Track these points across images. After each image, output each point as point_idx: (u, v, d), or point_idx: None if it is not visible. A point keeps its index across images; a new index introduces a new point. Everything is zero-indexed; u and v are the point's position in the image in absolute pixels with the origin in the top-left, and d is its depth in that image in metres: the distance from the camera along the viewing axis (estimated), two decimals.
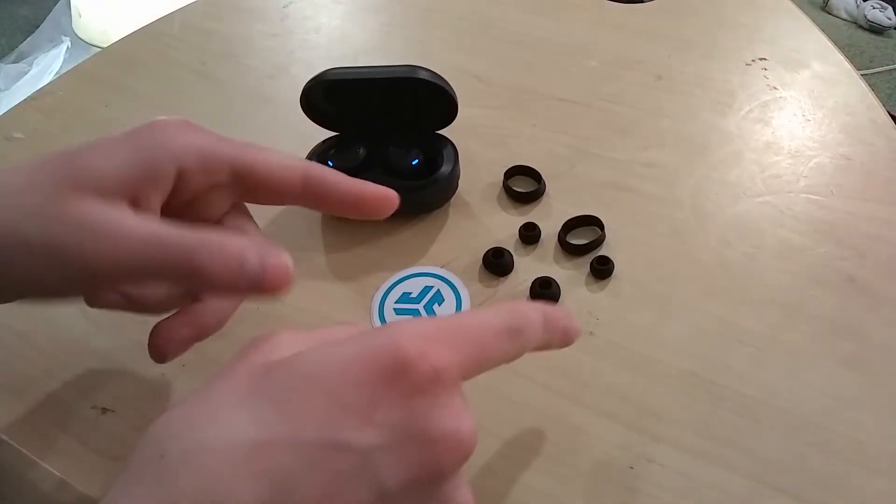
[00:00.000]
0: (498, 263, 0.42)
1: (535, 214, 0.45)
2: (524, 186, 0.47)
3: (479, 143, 0.50)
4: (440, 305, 0.40)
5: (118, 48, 0.63)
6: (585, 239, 0.43)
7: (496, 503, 0.32)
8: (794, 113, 0.53)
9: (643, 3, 0.65)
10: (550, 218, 0.44)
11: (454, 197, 0.46)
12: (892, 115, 0.53)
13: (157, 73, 0.60)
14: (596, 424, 0.35)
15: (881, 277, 0.41)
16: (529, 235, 0.43)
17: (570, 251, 0.43)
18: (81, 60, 0.62)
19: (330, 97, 0.44)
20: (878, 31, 2.03)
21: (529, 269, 0.42)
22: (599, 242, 0.43)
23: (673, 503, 0.32)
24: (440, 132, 0.46)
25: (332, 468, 0.21)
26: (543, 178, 0.47)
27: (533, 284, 0.40)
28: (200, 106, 0.56)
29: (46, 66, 1.79)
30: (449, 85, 0.43)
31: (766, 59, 0.58)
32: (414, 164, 0.43)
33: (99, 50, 0.73)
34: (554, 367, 0.37)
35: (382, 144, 0.44)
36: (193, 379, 0.37)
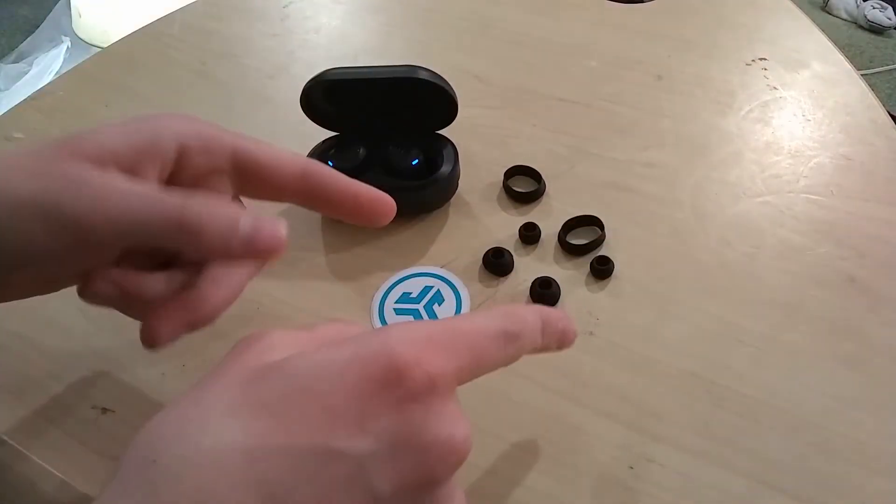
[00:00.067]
0: (498, 263, 0.42)
1: (535, 214, 0.45)
2: (524, 186, 0.47)
3: (479, 143, 0.50)
4: (440, 305, 0.40)
5: (118, 48, 0.63)
6: (585, 239, 0.43)
7: (496, 503, 0.32)
8: (794, 113, 0.53)
9: (643, 3, 0.65)
10: (550, 218, 0.44)
11: (454, 197, 0.46)
12: (892, 115, 0.53)
13: (157, 73, 0.60)
14: (596, 424, 0.35)
15: (881, 277, 0.41)
16: (529, 235, 0.43)
17: (570, 251, 0.43)
18: (81, 60, 0.62)
19: (330, 97, 0.44)
20: (878, 31, 2.03)
21: (529, 269, 0.42)
22: (599, 242, 0.43)
23: (673, 503, 0.32)
24: (440, 132, 0.46)
25: (325, 476, 0.21)
26: (543, 178, 0.47)
27: (533, 284, 0.40)
28: (200, 106, 0.56)
29: (46, 66, 1.79)
30: (449, 85, 0.43)
31: (766, 59, 0.58)
32: (414, 164, 0.43)
33: (99, 50, 0.73)
34: (554, 367, 0.37)
35: (382, 144, 0.44)
36: (193, 379, 0.37)
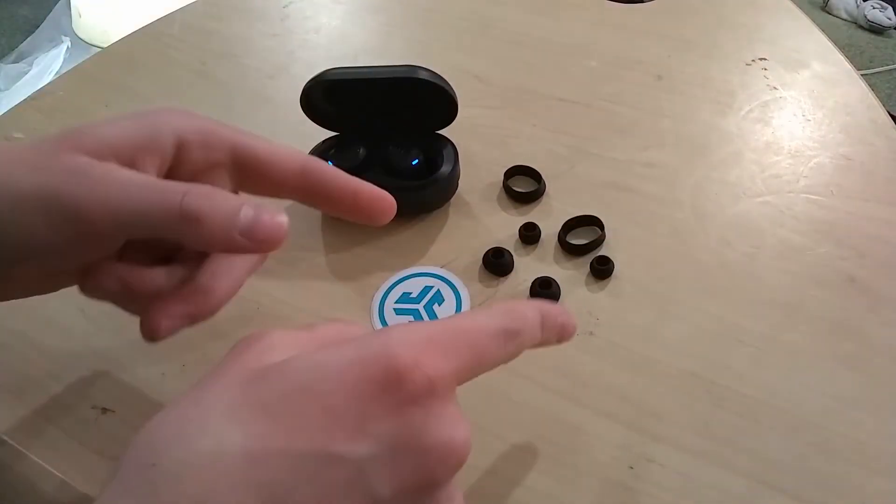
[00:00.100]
0: (498, 263, 0.42)
1: (535, 214, 0.45)
2: (524, 186, 0.47)
3: (479, 143, 0.50)
4: (440, 305, 0.40)
5: (118, 48, 0.63)
6: (585, 239, 0.43)
7: (496, 503, 0.32)
8: (794, 113, 0.53)
9: (643, 3, 0.65)
10: (550, 218, 0.44)
11: (454, 197, 0.46)
12: (892, 115, 0.53)
13: (157, 73, 0.60)
14: (596, 424, 0.35)
15: (881, 277, 0.41)
16: (529, 235, 0.43)
17: (570, 251, 0.43)
18: (81, 60, 0.62)
19: (330, 97, 0.44)
20: (878, 31, 2.03)
21: (529, 269, 0.42)
22: (599, 242, 0.43)
23: (673, 503, 0.32)
24: (440, 132, 0.46)
25: (325, 479, 0.21)
26: (543, 178, 0.47)
27: (533, 284, 0.40)
28: (200, 106, 0.56)
29: (46, 66, 1.79)
30: (449, 85, 0.43)
31: (766, 59, 0.58)
32: (414, 164, 0.43)
33: (99, 50, 0.73)
34: (554, 367, 0.37)
35: (382, 144, 0.44)
36: (193, 379, 0.37)
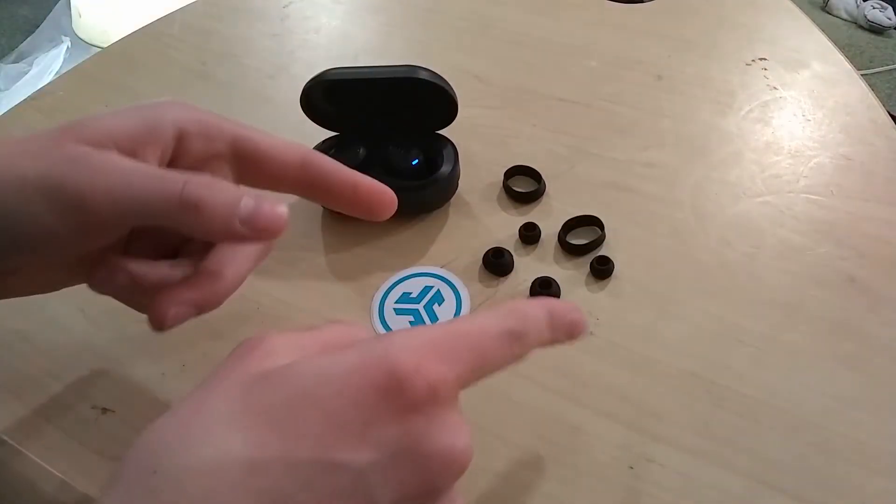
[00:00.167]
0: (498, 263, 0.42)
1: (535, 214, 0.45)
2: (524, 186, 0.47)
3: (479, 143, 0.50)
4: (440, 305, 0.40)
5: (118, 48, 0.63)
6: (585, 239, 0.43)
7: (495, 503, 0.32)
8: (794, 113, 0.53)
9: (643, 3, 0.65)
10: (550, 218, 0.44)
11: (454, 197, 0.46)
12: (892, 115, 0.53)
13: (157, 73, 0.60)
14: (596, 424, 0.35)
15: (881, 277, 0.41)
16: (529, 235, 0.43)
17: (570, 251, 0.43)
18: (81, 60, 0.62)
19: (330, 97, 0.44)
20: (878, 31, 2.03)
21: (529, 269, 0.42)
22: (599, 242, 0.43)
23: (673, 503, 0.32)
24: (440, 132, 0.46)
25: (326, 487, 0.22)
26: (543, 178, 0.47)
27: (533, 284, 0.40)
28: (200, 106, 0.56)
29: (46, 66, 1.79)
30: (449, 85, 0.43)
31: (766, 59, 0.58)
32: (414, 164, 0.43)
33: (99, 50, 0.73)
34: (554, 367, 0.37)
35: (382, 144, 0.44)
36: (193, 379, 0.37)
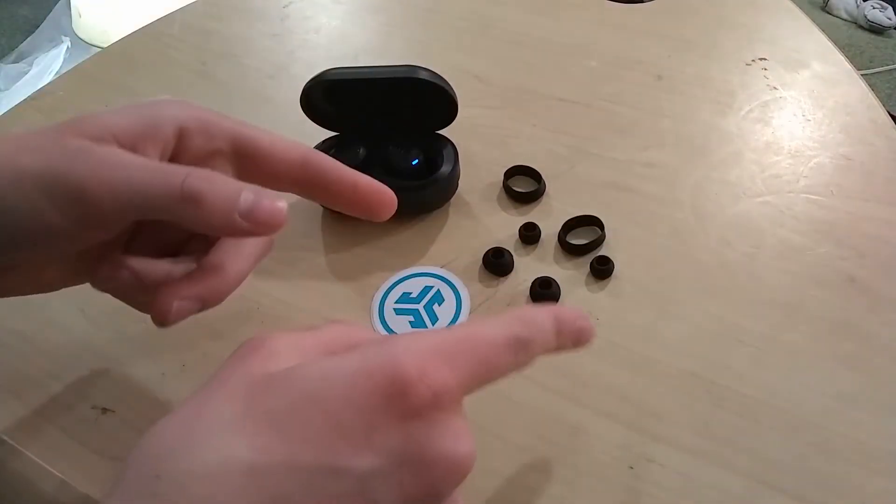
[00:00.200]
0: (498, 263, 0.42)
1: (535, 214, 0.45)
2: (524, 186, 0.47)
3: (479, 143, 0.50)
4: (440, 305, 0.40)
5: (118, 48, 0.63)
6: (585, 239, 0.43)
7: (495, 503, 0.32)
8: (794, 113, 0.53)
9: (643, 3, 0.65)
10: (550, 218, 0.44)
11: (454, 197, 0.46)
12: (892, 115, 0.53)
13: (157, 73, 0.60)
14: (596, 424, 0.35)
15: (881, 277, 0.41)
16: (529, 235, 0.43)
17: (570, 251, 0.43)
18: (81, 60, 0.62)
19: (330, 97, 0.44)
20: (878, 31, 2.03)
21: (529, 269, 0.42)
22: (599, 242, 0.43)
23: (673, 503, 0.32)
24: (440, 132, 0.46)
25: (329, 492, 0.22)
26: (543, 178, 0.47)
27: (533, 284, 0.40)
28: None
29: (46, 66, 1.79)
30: (449, 85, 0.43)
31: (766, 59, 0.58)
32: (414, 164, 0.43)
33: (99, 50, 0.73)
34: (554, 367, 0.37)
35: (382, 144, 0.44)
36: (193, 379, 0.37)
